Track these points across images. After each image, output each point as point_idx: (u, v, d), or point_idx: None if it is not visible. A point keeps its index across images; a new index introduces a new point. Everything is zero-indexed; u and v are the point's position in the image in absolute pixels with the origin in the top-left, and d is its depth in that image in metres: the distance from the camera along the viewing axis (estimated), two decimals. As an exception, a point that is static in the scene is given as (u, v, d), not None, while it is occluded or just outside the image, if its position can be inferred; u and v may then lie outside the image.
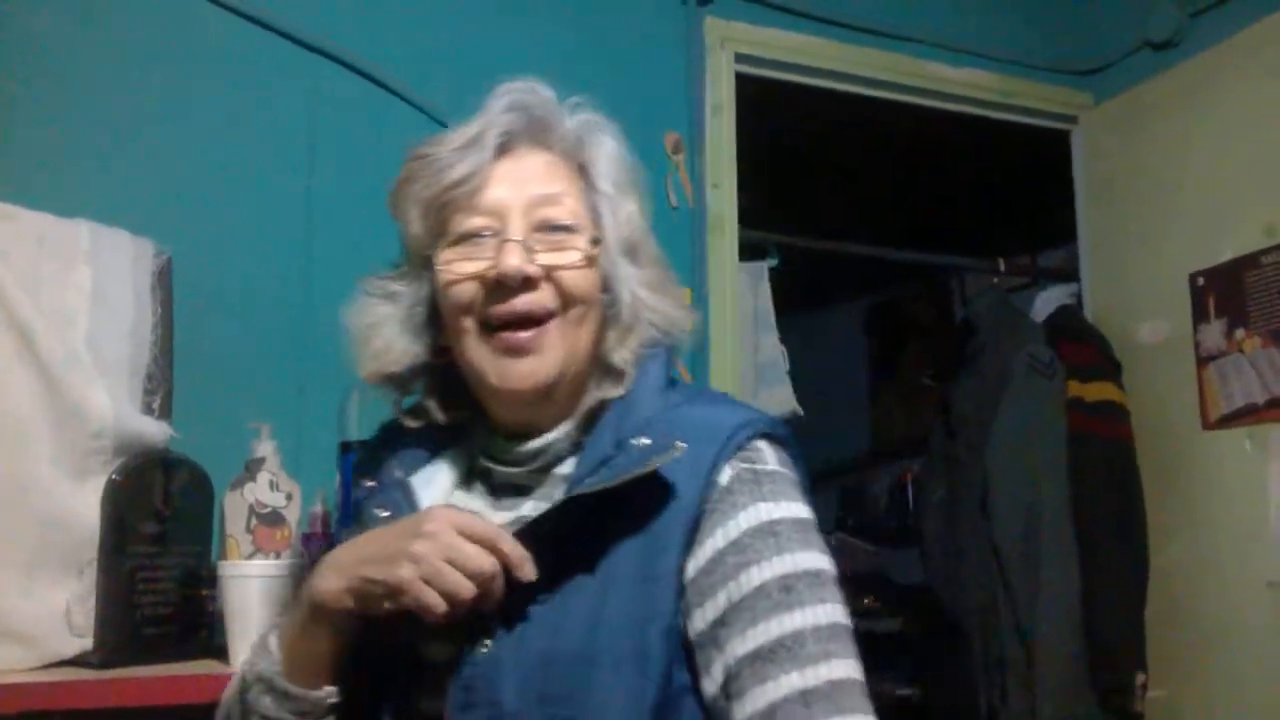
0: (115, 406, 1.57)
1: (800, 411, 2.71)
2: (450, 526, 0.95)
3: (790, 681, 0.92)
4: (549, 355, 1.04)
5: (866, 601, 4.10)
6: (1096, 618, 2.49)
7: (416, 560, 0.93)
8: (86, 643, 1.53)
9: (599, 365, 1.10)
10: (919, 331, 4.68)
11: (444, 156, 1.06)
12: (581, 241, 1.06)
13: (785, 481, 1.03)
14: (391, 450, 1.14)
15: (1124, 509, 2.54)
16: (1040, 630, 2.50)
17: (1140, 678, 2.45)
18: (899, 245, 3.40)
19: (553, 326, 1.04)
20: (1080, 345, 2.68)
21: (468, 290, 1.05)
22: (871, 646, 3.54)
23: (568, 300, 1.05)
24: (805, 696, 0.91)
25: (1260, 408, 2.32)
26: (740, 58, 2.59)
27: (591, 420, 1.08)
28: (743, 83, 2.60)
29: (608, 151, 1.12)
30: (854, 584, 4.24)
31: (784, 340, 2.79)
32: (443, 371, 1.12)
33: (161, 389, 1.72)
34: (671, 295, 1.13)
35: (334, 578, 0.99)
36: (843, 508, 4.75)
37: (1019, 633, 2.53)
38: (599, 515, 0.98)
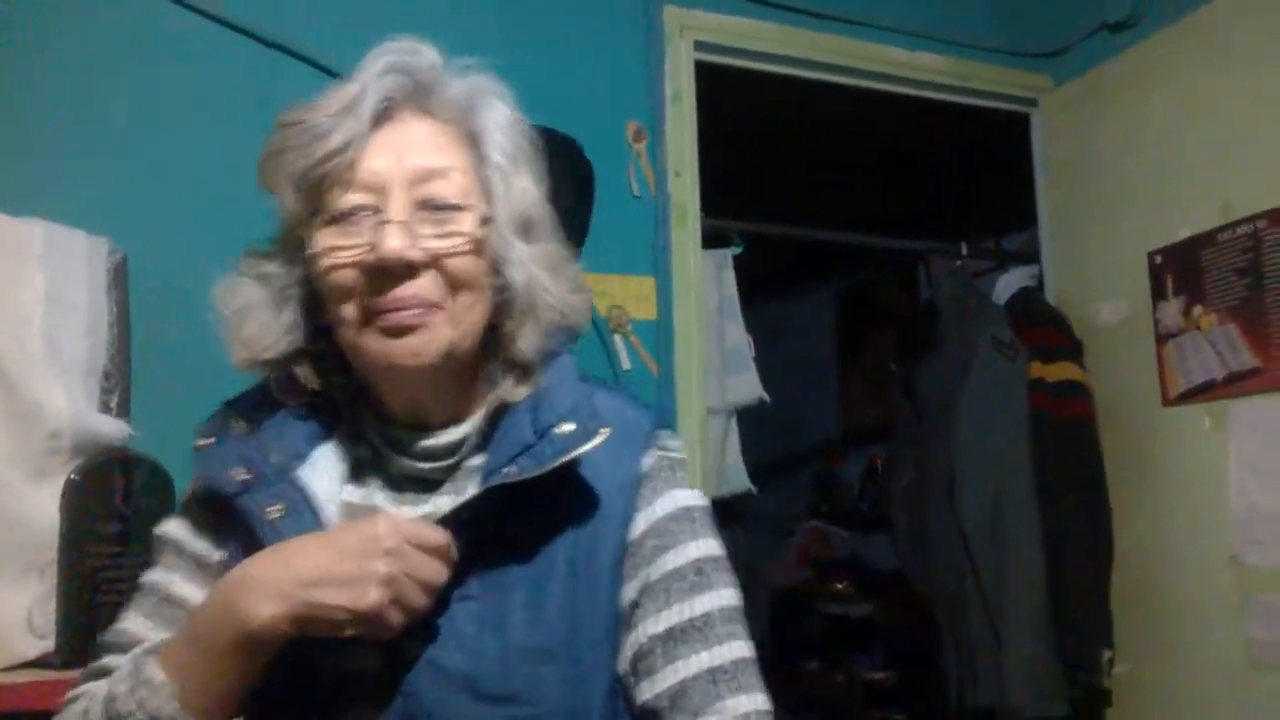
0: (72, 406, 1.57)
1: (766, 398, 2.72)
2: (404, 539, 0.89)
3: (700, 660, 0.96)
4: (436, 332, 0.95)
5: (840, 587, 4.14)
6: (1062, 596, 2.51)
7: (387, 582, 0.87)
8: (48, 644, 1.52)
9: (501, 360, 1.03)
10: (885, 316, 4.70)
11: (317, 124, 0.96)
12: (470, 222, 0.97)
13: (687, 470, 1.07)
14: (258, 435, 1.02)
15: (1087, 487, 2.56)
16: (1007, 610, 2.52)
17: (1107, 654, 2.48)
18: (866, 231, 3.42)
19: (439, 311, 0.96)
20: (1042, 326, 2.70)
21: (347, 276, 0.95)
22: (846, 631, 3.56)
23: (456, 287, 0.96)
24: (713, 674, 0.96)
25: (1218, 384, 2.34)
26: (700, 45, 2.60)
27: (497, 415, 1.02)
28: (705, 70, 2.60)
29: (500, 119, 1.02)
30: (828, 570, 4.28)
31: (754, 327, 2.80)
32: (320, 356, 1.03)
33: (119, 387, 1.72)
34: (567, 275, 1.04)
35: (271, 602, 0.87)
36: (816, 494, 4.77)
37: (987, 613, 2.55)
38: (519, 506, 0.96)
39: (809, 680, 4.09)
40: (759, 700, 0.97)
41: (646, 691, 0.96)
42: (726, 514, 3.56)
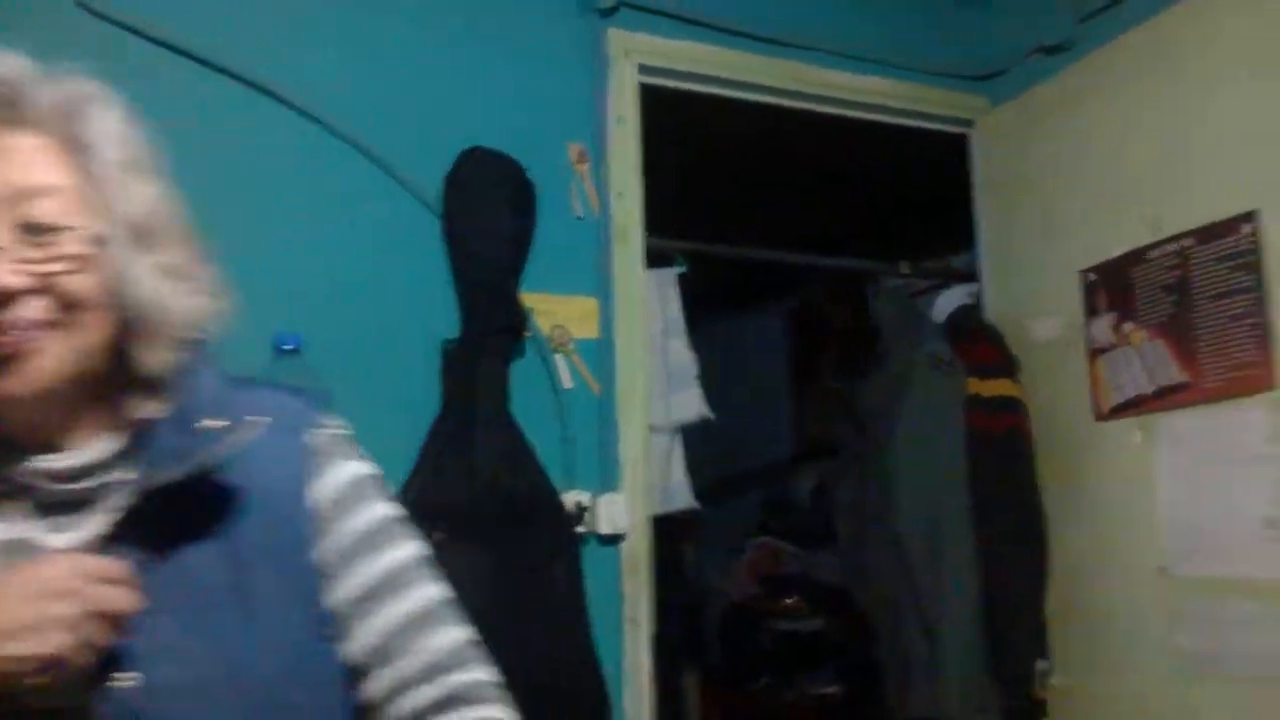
0: None
1: (710, 415, 2.74)
2: (79, 576, 0.84)
3: (395, 610, 1.00)
4: (46, 357, 0.90)
5: (789, 602, 4.17)
6: (997, 609, 2.55)
7: (71, 625, 0.82)
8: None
9: (132, 379, 0.98)
10: (835, 334, 4.74)
11: None
12: (78, 240, 0.91)
13: (353, 442, 1.08)
14: None
15: (1022, 502, 2.60)
16: (943, 622, 2.56)
17: (1041, 665, 2.52)
18: (818, 251, 3.45)
19: (49, 334, 0.90)
20: (979, 343, 2.74)
21: None
22: (796, 647, 3.59)
23: (68, 308, 0.91)
24: (410, 619, 1.01)
25: (1149, 398, 2.39)
26: (644, 69, 2.62)
27: (142, 427, 0.98)
28: (650, 91, 2.63)
29: (108, 126, 0.96)
30: (777, 585, 4.31)
31: (708, 346, 2.83)
32: None
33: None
34: (196, 281, 0.99)
35: None
36: (767, 510, 4.80)
37: (923, 625, 2.59)
38: (188, 509, 0.94)
39: (760, 696, 4.11)
40: (461, 633, 1.01)
41: (348, 652, 0.99)
42: (679, 530, 3.58)
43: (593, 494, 2.35)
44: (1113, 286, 2.50)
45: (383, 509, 1.04)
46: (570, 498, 2.30)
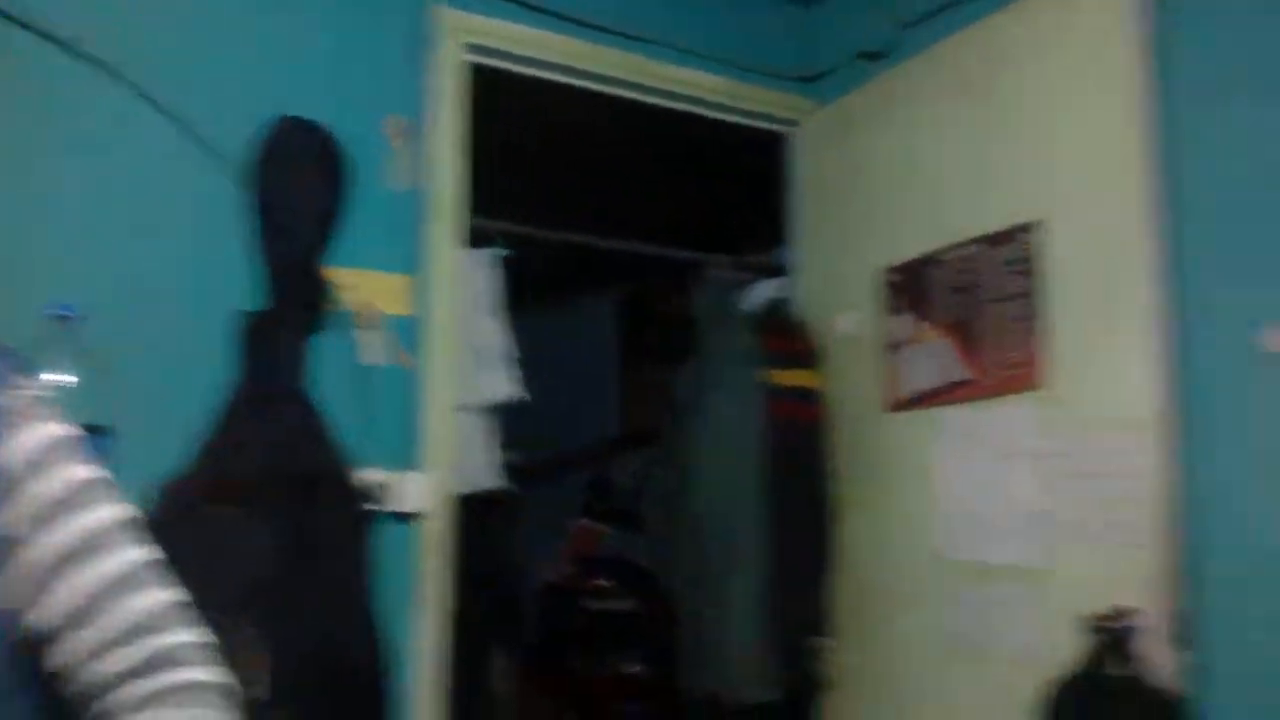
0: None
1: (525, 395, 2.76)
2: None
3: (95, 572, 0.97)
4: None
5: (601, 583, 4.24)
6: (784, 589, 2.64)
7: None
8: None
9: None
10: (661, 324, 4.83)
11: None
12: None
13: (53, 404, 1.05)
14: None
15: (813, 488, 2.71)
16: (733, 601, 2.65)
17: (824, 643, 2.63)
18: (656, 241, 3.50)
19: None
20: (784, 336, 2.84)
21: None
22: (609, 627, 3.66)
23: None
24: (110, 582, 0.97)
25: (936, 392, 2.51)
26: (473, 48, 2.62)
27: None
28: (489, 74, 2.63)
29: None
30: (592, 567, 4.38)
31: (542, 331, 2.84)
32: None
33: None
34: None
35: None
36: (591, 494, 4.87)
37: (716, 606, 2.67)
38: None
39: (572, 675, 4.17)
40: (164, 595, 0.99)
41: (38, 617, 0.96)
42: (496, 510, 3.59)
43: (395, 471, 2.34)
44: (910, 286, 2.62)
45: (82, 472, 1.00)
46: (370, 474, 2.28)
